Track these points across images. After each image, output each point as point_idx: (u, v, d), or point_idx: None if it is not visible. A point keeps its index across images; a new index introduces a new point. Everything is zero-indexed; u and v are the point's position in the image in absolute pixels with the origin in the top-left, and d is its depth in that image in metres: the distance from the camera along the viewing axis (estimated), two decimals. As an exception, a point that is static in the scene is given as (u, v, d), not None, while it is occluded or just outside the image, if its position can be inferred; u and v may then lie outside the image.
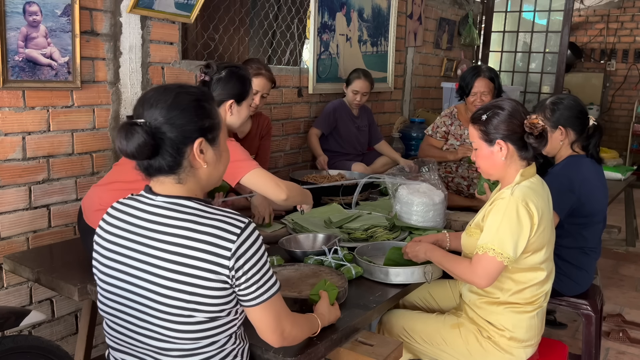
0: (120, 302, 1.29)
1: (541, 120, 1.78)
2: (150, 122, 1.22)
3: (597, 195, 2.39)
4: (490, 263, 1.72)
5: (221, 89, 2.08)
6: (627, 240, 4.88)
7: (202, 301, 1.21)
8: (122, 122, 1.23)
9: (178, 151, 1.24)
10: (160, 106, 1.23)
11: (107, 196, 1.95)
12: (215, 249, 1.20)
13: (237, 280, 1.22)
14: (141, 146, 1.19)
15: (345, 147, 3.74)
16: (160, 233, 1.24)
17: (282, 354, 1.44)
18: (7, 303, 2.28)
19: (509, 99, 1.87)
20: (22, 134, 2.25)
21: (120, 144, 1.21)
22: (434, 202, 2.44)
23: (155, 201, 1.27)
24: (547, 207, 1.83)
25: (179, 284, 1.21)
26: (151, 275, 1.23)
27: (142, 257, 1.25)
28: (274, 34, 3.90)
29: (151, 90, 1.29)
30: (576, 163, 2.37)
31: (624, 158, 6.98)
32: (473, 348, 1.86)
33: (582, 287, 2.45)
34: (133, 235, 1.27)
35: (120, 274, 1.28)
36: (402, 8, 4.74)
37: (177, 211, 1.24)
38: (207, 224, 1.22)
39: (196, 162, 1.27)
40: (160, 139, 1.22)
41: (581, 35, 8.25)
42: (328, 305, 1.55)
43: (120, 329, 1.32)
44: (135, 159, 1.24)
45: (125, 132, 1.20)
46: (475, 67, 3.24)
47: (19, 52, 2.16)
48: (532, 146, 1.80)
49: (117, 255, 1.29)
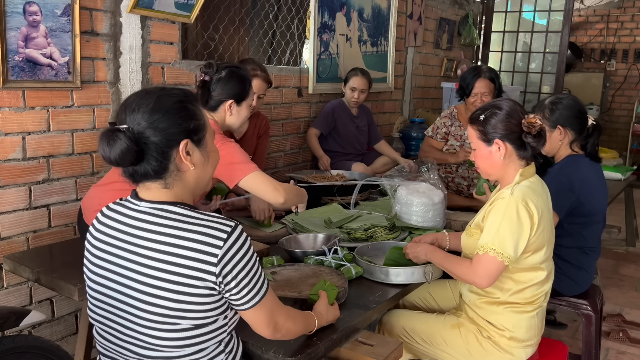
0: (106, 310, 1.27)
1: (539, 119, 1.78)
2: (133, 127, 1.19)
3: (596, 195, 2.39)
4: (490, 263, 1.72)
5: (221, 89, 2.08)
6: (627, 240, 4.88)
7: (187, 308, 1.19)
8: (104, 129, 1.20)
9: (164, 155, 1.22)
10: (142, 110, 1.20)
11: (107, 196, 1.95)
12: (201, 255, 1.17)
13: (226, 285, 1.20)
14: (124, 152, 1.17)
15: (345, 147, 3.74)
16: (145, 240, 1.21)
17: (282, 354, 1.44)
18: (7, 303, 2.28)
19: (507, 99, 1.87)
20: (22, 134, 2.25)
21: (103, 151, 1.18)
22: (434, 202, 2.44)
23: (140, 207, 1.25)
24: (546, 206, 1.83)
25: (163, 291, 1.18)
26: (136, 282, 1.21)
27: (127, 263, 1.22)
28: (274, 34, 3.90)
29: (132, 95, 1.27)
30: (575, 162, 2.37)
31: (624, 158, 6.97)
32: (473, 348, 1.86)
33: (582, 287, 2.45)
34: (119, 242, 1.25)
35: (107, 281, 1.26)
36: (402, 8, 4.74)
37: (162, 217, 1.22)
38: (192, 230, 1.19)
39: (183, 164, 1.25)
40: (144, 144, 1.19)
41: (581, 35, 8.25)
42: (327, 304, 1.55)
43: (108, 336, 1.30)
44: (120, 166, 1.21)
45: (107, 139, 1.17)
46: (475, 68, 3.24)
47: (19, 52, 2.16)
48: (531, 145, 1.80)
49: (103, 262, 1.27)
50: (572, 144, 2.40)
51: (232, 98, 2.10)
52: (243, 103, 2.15)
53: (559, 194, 2.26)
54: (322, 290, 1.59)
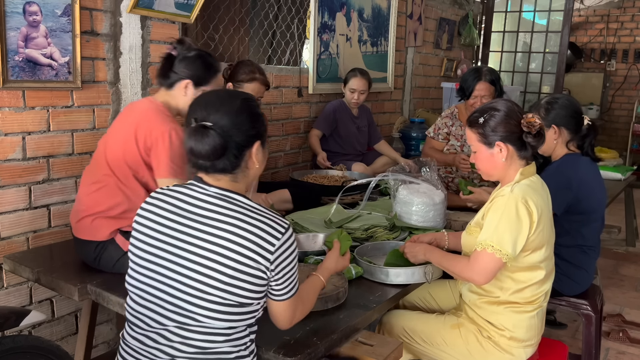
0: (153, 277, 1.36)
1: (538, 118, 1.78)
2: (220, 125, 1.32)
3: (594, 193, 2.41)
4: (488, 260, 1.72)
5: (183, 67, 2.03)
6: (627, 240, 4.88)
7: (238, 284, 1.30)
8: (193, 125, 1.33)
9: (240, 153, 1.36)
10: (227, 111, 1.34)
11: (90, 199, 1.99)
12: (262, 241, 1.31)
13: (275, 274, 1.34)
14: (215, 147, 1.31)
15: (345, 147, 3.74)
16: (210, 219, 1.33)
17: (283, 354, 1.44)
18: (7, 303, 2.28)
19: (503, 100, 1.87)
20: (22, 134, 2.25)
21: (194, 145, 1.32)
22: (434, 202, 2.44)
23: (209, 191, 1.37)
24: (546, 206, 1.83)
25: (221, 265, 1.29)
26: (194, 255, 1.31)
27: (187, 237, 1.33)
28: (274, 34, 3.90)
29: (210, 94, 1.43)
30: (573, 161, 2.38)
31: (624, 158, 6.96)
32: (473, 348, 1.86)
33: (582, 287, 2.45)
34: (180, 217, 1.36)
35: (160, 251, 1.35)
36: (402, 8, 4.74)
37: (229, 202, 1.35)
38: (257, 218, 1.33)
39: (251, 162, 1.40)
40: (227, 142, 1.33)
41: (581, 35, 8.25)
42: (336, 256, 1.67)
43: (146, 302, 1.37)
44: (209, 160, 1.34)
45: (199, 135, 1.31)
46: (476, 70, 3.24)
47: (19, 52, 2.16)
48: (531, 145, 1.80)
49: (158, 234, 1.37)
50: (569, 144, 2.41)
51: (191, 79, 2.04)
52: (201, 89, 2.07)
53: (556, 192, 2.26)
54: (337, 239, 1.71)
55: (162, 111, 2.00)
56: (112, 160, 1.99)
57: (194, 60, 2.04)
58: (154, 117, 1.97)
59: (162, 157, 1.93)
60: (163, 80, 2.06)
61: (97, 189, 2.00)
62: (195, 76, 2.04)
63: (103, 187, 1.99)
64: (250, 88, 2.70)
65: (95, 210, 1.99)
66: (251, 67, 2.76)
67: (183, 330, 1.32)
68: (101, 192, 1.99)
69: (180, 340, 1.33)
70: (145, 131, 1.94)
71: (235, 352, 1.35)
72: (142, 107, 2.03)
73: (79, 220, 2.03)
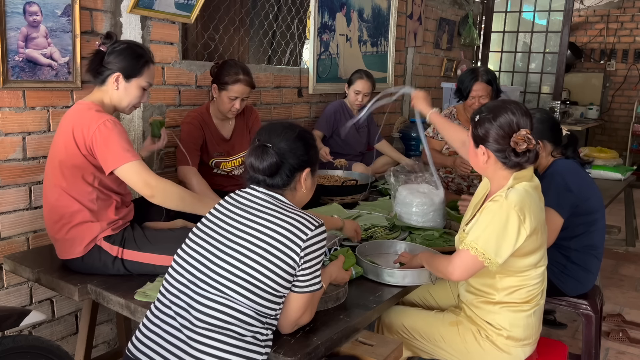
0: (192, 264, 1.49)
1: (528, 138, 1.73)
2: (277, 147, 1.52)
3: (593, 190, 2.42)
4: (469, 259, 1.73)
5: (112, 59, 2.01)
6: (627, 240, 4.88)
7: (273, 269, 1.42)
8: (256, 144, 1.54)
9: (292, 175, 1.55)
10: (286, 137, 1.55)
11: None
12: (297, 231, 1.46)
13: (302, 264, 1.45)
14: (271, 165, 1.51)
15: (346, 148, 3.74)
16: (255, 210, 1.52)
17: (283, 354, 1.44)
18: (7, 303, 2.29)
19: (513, 105, 1.80)
20: (22, 134, 2.25)
21: (254, 160, 1.53)
22: (434, 202, 2.44)
23: (259, 191, 1.56)
24: (540, 210, 1.82)
25: (261, 250, 1.44)
26: (237, 237, 1.47)
27: (233, 222, 1.51)
28: (274, 34, 3.90)
29: (277, 124, 1.62)
30: (564, 163, 2.40)
31: (624, 158, 6.96)
32: (471, 347, 1.86)
33: (586, 288, 2.46)
34: (234, 208, 1.55)
35: (213, 232, 1.52)
36: (402, 8, 4.74)
37: (273, 199, 1.54)
38: (295, 213, 1.50)
39: (299, 185, 1.58)
40: (282, 163, 1.52)
41: (581, 35, 8.26)
42: (339, 267, 1.78)
43: (177, 285, 1.49)
44: (264, 175, 1.53)
45: (260, 152, 1.52)
46: (473, 71, 3.24)
47: (19, 52, 2.16)
48: (512, 160, 1.77)
49: (218, 220, 1.54)
50: (553, 153, 2.43)
51: (120, 71, 2.02)
52: (133, 81, 2.04)
53: (558, 195, 2.26)
54: (342, 255, 1.87)
55: (92, 108, 1.96)
56: (60, 167, 1.96)
57: (122, 52, 2.02)
58: (87, 116, 1.92)
59: (108, 148, 1.89)
60: (94, 78, 2.04)
61: (54, 200, 1.98)
62: (125, 68, 2.02)
63: (57, 197, 1.97)
64: (234, 90, 2.65)
65: (61, 223, 1.97)
66: (235, 68, 2.68)
67: (207, 300, 1.43)
68: (59, 202, 1.96)
69: (201, 309, 1.42)
70: (81, 131, 1.90)
71: (250, 336, 1.41)
72: (74, 110, 1.99)
73: (55, 240, 2.02)
